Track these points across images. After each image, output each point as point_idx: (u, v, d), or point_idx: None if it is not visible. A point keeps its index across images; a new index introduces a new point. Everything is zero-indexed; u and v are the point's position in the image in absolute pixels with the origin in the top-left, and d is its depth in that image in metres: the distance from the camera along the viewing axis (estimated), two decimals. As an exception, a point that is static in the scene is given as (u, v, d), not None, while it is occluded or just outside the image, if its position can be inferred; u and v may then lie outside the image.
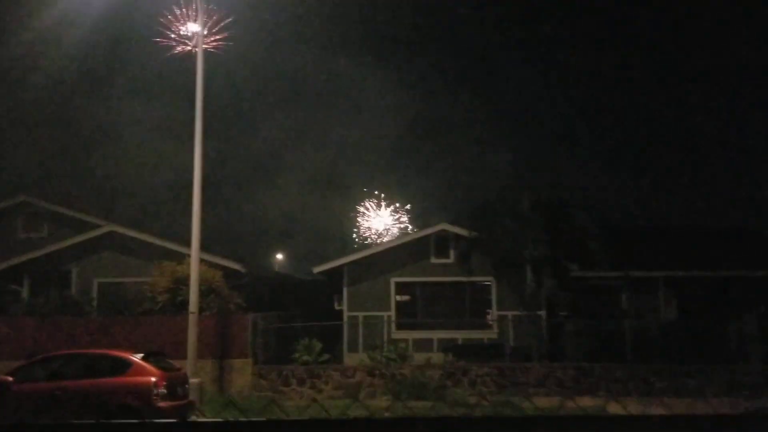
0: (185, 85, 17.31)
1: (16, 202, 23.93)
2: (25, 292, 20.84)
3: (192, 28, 16.69)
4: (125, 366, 13.17)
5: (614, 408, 12.88)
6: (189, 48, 16.77)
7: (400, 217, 36.89)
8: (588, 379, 17.34)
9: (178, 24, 16.84)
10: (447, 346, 19.49)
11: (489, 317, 20.46)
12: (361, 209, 37.49)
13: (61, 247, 21.02)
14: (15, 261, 20.76)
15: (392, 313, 20.33)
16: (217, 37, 16.89)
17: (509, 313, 19.98)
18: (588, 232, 18.16)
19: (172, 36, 16.85)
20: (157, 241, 20.78)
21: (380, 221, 37.22)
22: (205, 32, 16.67)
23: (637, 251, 21.61)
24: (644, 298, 20.62)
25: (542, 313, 19.39)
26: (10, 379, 12.96)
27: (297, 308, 22.41)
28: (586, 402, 15.32)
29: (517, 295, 19.05)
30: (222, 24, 16.86)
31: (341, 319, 20.38)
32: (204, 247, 17.29)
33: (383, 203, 37.34)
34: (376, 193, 37.68)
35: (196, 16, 16.53)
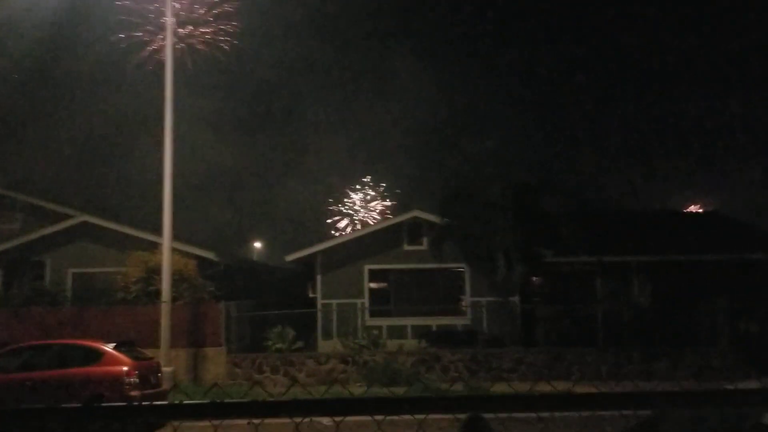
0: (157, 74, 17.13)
1: (-12, 193, 23.69)
2: (-2, 283, 20.70)
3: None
4: (97, 356, 13.21)
5: (583, 390, 13.10)
6: (158, 45, 16.41)
7: (378, 203, 36.96)
8: (560, 364, 17.58)
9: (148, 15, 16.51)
10: (421, 333, 19.66)
11: (462, 304, 20.66)
12: (345, 194, 37.53)
13: (35, 237, 20.88)
14: (-13, 252, 20.61)
15: (366, 300, 20.45)
16: (207, 30, 16.56)
17: (482, 300, 20.18)
18: (560, 218, 18.32)
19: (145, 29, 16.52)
20: (130, 231, 20.71)
21: (359, 207, 37.29)
22: (190, 27, 16.36)
23: (611, 236, 21.88)
24: (618, 283, 20.88)
25: (515, 299, 19.60)
26: (-20, 371, 12.96)
27: (272, 296, 22.46)
28: (559, 387, 15.53)
29: (489, 281, 19.22)
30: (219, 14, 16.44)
31: (315, 306, 20.48)
32: (177, 236, 17.27)
33: (363, 190, 37.37)
34: (362, 180, 37.67)
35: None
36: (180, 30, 16.44)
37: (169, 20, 16.05)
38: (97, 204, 24.51)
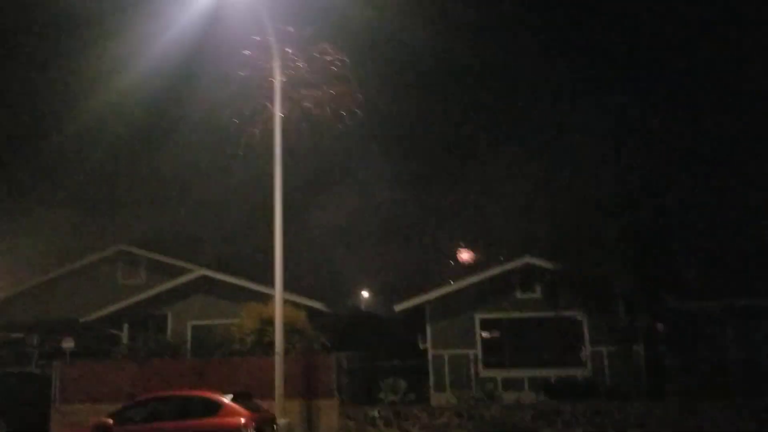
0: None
1: (116, 251, 25.36)
2: (124, 337, 21.85)
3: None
4: (216, 407, 13.62)
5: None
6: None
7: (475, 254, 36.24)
8: (692, 418, 16.22)
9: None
10: (538, 385, 18.80)
11: (582, 353, 19.62)
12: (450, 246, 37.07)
13: (157, 292, 21.97)
14: (116, 307, 21.89)
15: (478, 350, 19.84)
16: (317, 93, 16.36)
17: (603, 349, 19.10)
18: (684, 260, 17.20)
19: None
20: (245, 283, 21.36)
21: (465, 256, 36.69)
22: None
23: (743, 276, 20.24)
24: (753, 327, 19.25)
25: (639, 347, 18.43)
26: (111, 421, 13.67)
27: (381, 346, 22.32)
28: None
29: (610, 329, 18.19)
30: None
31: (425, 357, 20.09)
32: (288, 286, 17.55)
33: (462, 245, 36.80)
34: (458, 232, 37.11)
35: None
36: (300, 92, 16.65)
37: (277, 81, 16.43)
38: (214, 257, 25.55)
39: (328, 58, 16.68)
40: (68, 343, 20.31)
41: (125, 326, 22.04)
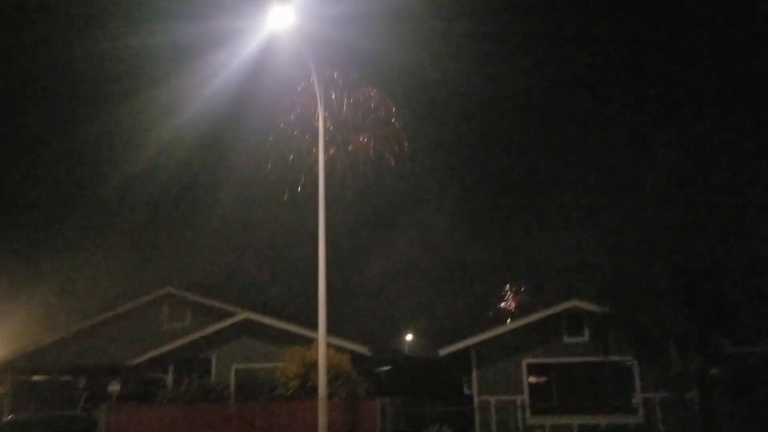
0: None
1: (162, 294, 25.67)
2: (169, 380, 21.96)
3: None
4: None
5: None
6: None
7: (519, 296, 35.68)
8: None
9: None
10: (588, 432, 18.20)
11: (633, 400, 18.96)
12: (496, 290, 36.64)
13: (202, 335, 22.11)
14: (161, 351, 22.07)
15: (525, 396, 19.35)
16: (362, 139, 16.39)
17: (655, 395, 18.45)
18: (738, 303, 16.58)
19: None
20: (288, 327, 21.34)
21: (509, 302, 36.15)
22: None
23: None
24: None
25: (692, 394, 17.70)
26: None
27: (426, 391, 21.95)
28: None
29: (662, 375, 17.54)
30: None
31: (471, 402, 19.66)
32: (332, 330, 17.47)
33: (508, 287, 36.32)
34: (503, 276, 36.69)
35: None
36: (348, 136, 16.69)
37: (321, 127, 16.58)
38: (258, 301, 25.71)
39: (373, 103, 16.83)
40: (114, 387, 20.52)
41: (170, 369, 22.17)
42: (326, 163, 16.27)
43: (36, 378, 25.74)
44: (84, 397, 23.22)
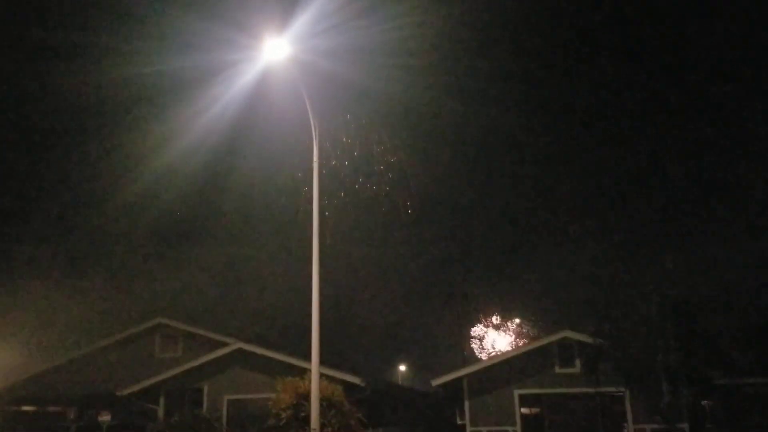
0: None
1: (153, 324, 25.61)
2: (160, 411, 21.82)
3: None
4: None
5: None
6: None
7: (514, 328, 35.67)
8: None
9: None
10: (580, 464, 18.20)
11: (624, 430, 19.00)
12: (479, 322, 36.65)
13: (194, 365, 22.03)
14: (153, 381, 21.96)
15: (518, 427, 19.36)
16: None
17: (647, 427, 18.49)
18: (728, 336, 16.77)
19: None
20: (281, 357, 21.32)
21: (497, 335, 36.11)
22: None
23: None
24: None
25: (684, 426, 17.78)
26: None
27: (418, 421, 21.90)
28: None
29: (653, 406, 17.63)
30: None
31: (464, 434, 19.66)
32: (324, 360, 17.47)
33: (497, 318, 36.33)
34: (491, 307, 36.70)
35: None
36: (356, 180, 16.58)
37: (315, 164, 16.60)
38: (250, 331, 25.68)
39: (382, 147, 16.98)
40: (105, 417, 20.36)
41: (161, 400, 22.04)
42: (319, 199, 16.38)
43: (26, 408, 25.49)
44: (74, 428, 22.98)
